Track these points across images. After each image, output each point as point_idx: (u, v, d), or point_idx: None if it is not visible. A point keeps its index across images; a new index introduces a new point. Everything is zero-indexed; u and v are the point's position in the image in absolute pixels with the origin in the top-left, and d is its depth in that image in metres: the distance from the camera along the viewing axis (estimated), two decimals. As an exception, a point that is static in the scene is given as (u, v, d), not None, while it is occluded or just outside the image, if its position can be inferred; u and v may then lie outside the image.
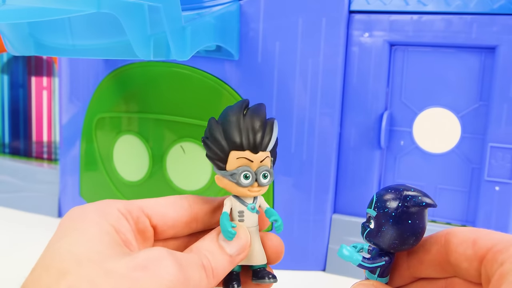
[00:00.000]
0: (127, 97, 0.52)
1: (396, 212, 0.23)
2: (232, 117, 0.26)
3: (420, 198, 0.23)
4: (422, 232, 0.24)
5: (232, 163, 0.26)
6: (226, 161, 0.26)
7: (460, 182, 0.45)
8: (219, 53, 0.47)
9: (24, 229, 0.58)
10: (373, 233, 0.24)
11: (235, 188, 0.26)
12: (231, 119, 0.26)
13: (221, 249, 0.26)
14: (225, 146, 0.26)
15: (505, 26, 0.41)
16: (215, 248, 0.25)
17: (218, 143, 0.26)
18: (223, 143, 0.26)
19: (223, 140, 0.26)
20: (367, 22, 0.44)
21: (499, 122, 0.42)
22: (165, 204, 0.27)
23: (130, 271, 0.22)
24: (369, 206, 0.25)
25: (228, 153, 0.26)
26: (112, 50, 0.38)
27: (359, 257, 0.24)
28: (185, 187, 0.50)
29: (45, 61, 0.70)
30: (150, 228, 0.26)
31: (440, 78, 0.44)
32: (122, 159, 0.54)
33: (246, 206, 0.27)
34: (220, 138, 0.26)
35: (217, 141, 0.26)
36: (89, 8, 0.31)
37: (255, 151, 0.26)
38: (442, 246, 0.24)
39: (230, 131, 0.26)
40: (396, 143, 0.47)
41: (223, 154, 0.26)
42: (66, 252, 0.22)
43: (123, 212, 0.25)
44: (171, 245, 0.28)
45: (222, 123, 0.26)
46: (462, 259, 0.23)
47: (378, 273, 0.25)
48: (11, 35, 0.42)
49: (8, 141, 0.73)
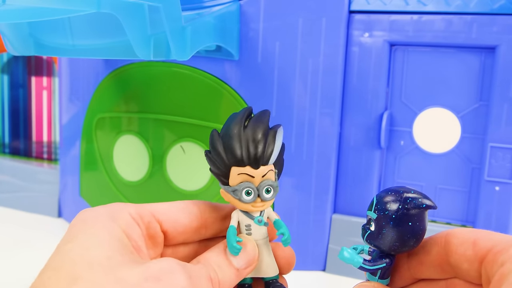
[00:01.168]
0: (127, 97, 0.52)
1: (397, 214, 0.23)
2: (233, 129, 0.25)
3: (420, 200, 0.23)
4: (422, 234, 0.24)
5: (234, 179, 0.25)
6: (228, 176, 0.26)
7: (460, 182, 0.45)
8: (219, 53, 0.47)
9: (24, 229, 0.58)
10: (373, 236, 0.24)
11: (239, 203, 0.26)
12: (232, 131, 0.25)
13: (228, 262, 0.25)
14: (226, 161, 0.25)
15: (505, 26, 0.41)
16: (223, 261, 0.25)
17: (220, 158, 0.25)
18: (224, 158, 0.25)
19: (224, 155, 0.25)
20: (367, 22, 0.44)
21: (499, 122, 0.42)
22: (176, 210, 0.27)
23: (142, 282, 0.22)
24: (369, 209, 0.25)
25: (229, 168, 0.25)
26: (112, 50, 0.38)
27: (360, 259, 0.24)
28: (185, 187, 0.50)
29: (45, 61, 0.70)
30: (161, 234, 0.26)
31: (440, 78, 0.44)
32: (122, 159, 0.54)
33: (253, 219, 0.26)
34: (222, 153, 0.25)
35: (219, 156, 0.25)
36: (89, 8, 0.31)
37: (256, 166, 0.25)
38: (442, 247, 0.24)
39: (230, 145, 0.25)
40: (396, 143, 0.47)
41: (225, 169, 0.25)
42: (78, 256, 0.22)
43: (134, 217, 0.25)
44: (181, 251, 0.28)
45: (223, 136, 0.26)
46: (462, 260, 0.23)
47: (379, 275, 0.25)
48: (11, 35, 0.42)
49: (8, 141, 0.73)
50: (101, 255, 0.22)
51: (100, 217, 0.24)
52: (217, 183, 0.49)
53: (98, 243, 0.23)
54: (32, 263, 0.49)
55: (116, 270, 0.22)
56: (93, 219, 0.24)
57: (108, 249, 0.23)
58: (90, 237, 0.23)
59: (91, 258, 0.22)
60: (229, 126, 0.25)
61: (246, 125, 0.25)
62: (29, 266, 0.48)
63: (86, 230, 0.24)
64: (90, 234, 0.23)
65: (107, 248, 0.23)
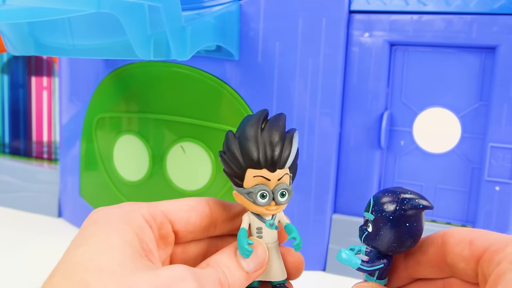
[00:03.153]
0: (127, 97, 0.52)
1: (394, 215, 0.23)
2: (249, 131, 0.25)
3: (417, 201, 0.23)
4: (419, 234, 0.24)
5: (249, 181, 0.25)
6: (243, 178, 0.25)
7: (460, 182, 0.45)
8: (219, 53, 0.47)
9: (24, 229, 0.58)
10: (371, 237, 0.24)
11: (253, 206, 0.25)
12: (249, 134, 0.25)
13: (238, 265, 0.25)
14: (242, 163, 0.25)
15: (505, 26, 0.41)
16: (232, 264, 0.25)
17: (236, 159, 0.25)
18: (240, 160, 0.25)
19: (240, 157, 0.25)
20: (367, 22, 0.44)
21: (499, 122, 0.42)
22: (187, 209, 0.27)
23: None
24: (366, 210, 0.25)
25: (245, 170, 0.25)
26: (112, 50, 0.38)
27: (358, 260, 0.24)
28: (185, 187, 0.50)
29: (45, 61, 0.70)
30: (172, 234, 0.26)
31: (440, 78, 0.44)
32: (122, 159, 0.54)
33: (265, 222, 0.26)
34: (238, 155, 0.25)
35: (235, 157, 0.25)
36: (89, 8, 0.31)
37: (273, 170, 0.25)
38: (439, 247, 0.24)
39: (247, 147, 0.25)
40: (396, 143, 0.47)
41: (240, 171, 0.25)
42: (89, 261, 0.22)
43: (147, 219, 0.25)
44: (192, 250, 0.28)
45: (239, 137, 0.25)
46: (459, 260, 0.23)
47: (376, 276, 0.25)
48: (11, 35, 0.42)
49: (8, 141, 0.73)
50: (113, 261, 0.22)
51: (112, 219, 0.24)
52: (217, 184, 0.49)
53: (110, 248, 0.23)
54: (32, 263, 0.49)
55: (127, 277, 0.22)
56: (105, 221, 0.24)
57: (120, 255, 0.23)
58: (102, 241, 0.23)
59: (102, 265, 0.22)
60: (245, 128, 0.25)
61: (262, 128, 0.25)
62: (29, 266, 0.48)
63: (98, 234, 0.23)
64: (101, 238, 0.23)
65: (119, 254, 0.23)
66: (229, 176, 0.26)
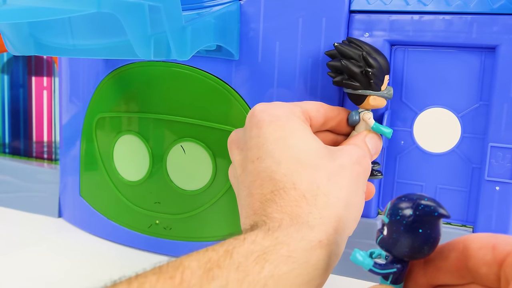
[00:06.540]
0: (127, 97, 0.52)
1: (408, 220, 0.23)
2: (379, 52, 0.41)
3: (433, 208, 0.23)
4: (434, 242, 0.24)
5: (384, 85, 0.40)
6: (382, 83, 0.40)
7: (460, 182, 0.45)
8: (219, 53, 0.47)
9: (24, 229, 0.58)
10: (385, 240, 0.25)
11: (384, 102, 0.40)
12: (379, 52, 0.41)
13: (367, 148, 0.37)
14: (385, 71, 0.40)
15: (505, 26, 0.41)
16: (365, 147, 0.37)
17: (382, 69, 0.39)
18: (385, 68, 0.40)
19: (385, 66, 0.40)
20: (367, 22, 0.44)
21: (499, 122, 0.42)
22: (315, 109, 0.37)
23: (352, 165, 0.32)
24: (383, 213, 0.25)
25: (384, 76, 0.40)
26: (112, 50, 0.38)
27: (371, 262, 0.25)
28: (185, 187, 0.50)
29: (45, 61, 0.70)
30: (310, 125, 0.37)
31: (440, 78, 0.44)
32: (122, 159, 0.54)
33: None
34: (384, 65, 0.40)
35: (381, 67, 0.39)
36: (89, 8, 0.31)
37: None
38: (460, 252, 0.24)
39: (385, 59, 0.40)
40: (396, 143, 0.47)
41: (383, 77, 0.40)
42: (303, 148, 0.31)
43: (305, 116, 0.36)
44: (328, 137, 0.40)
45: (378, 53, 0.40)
46: (481, 264, 0.22)
47: (391, 280, 0.25)
48: (11, 35, 0.42)
49: (8, 141, 0.73)
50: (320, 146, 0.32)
51: (291, 116, 0.33)
52: (218, 184, 0.49)
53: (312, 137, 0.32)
54: (32, 263, 0.49)
55: (334, 158, 0.32)
56: (286, 118, 0.33)
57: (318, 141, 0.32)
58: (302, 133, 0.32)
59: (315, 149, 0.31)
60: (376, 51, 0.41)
61: None
62: (29, 266, 0.48)
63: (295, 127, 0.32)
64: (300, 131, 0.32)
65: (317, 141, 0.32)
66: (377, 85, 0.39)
